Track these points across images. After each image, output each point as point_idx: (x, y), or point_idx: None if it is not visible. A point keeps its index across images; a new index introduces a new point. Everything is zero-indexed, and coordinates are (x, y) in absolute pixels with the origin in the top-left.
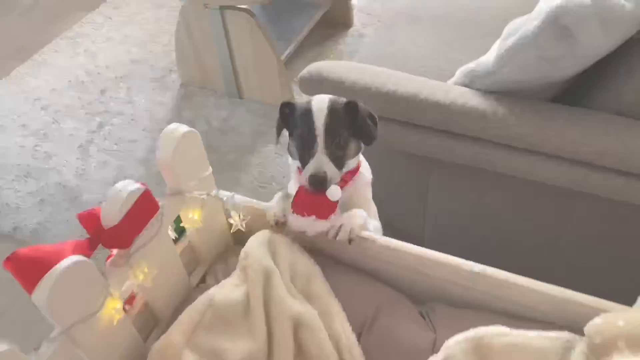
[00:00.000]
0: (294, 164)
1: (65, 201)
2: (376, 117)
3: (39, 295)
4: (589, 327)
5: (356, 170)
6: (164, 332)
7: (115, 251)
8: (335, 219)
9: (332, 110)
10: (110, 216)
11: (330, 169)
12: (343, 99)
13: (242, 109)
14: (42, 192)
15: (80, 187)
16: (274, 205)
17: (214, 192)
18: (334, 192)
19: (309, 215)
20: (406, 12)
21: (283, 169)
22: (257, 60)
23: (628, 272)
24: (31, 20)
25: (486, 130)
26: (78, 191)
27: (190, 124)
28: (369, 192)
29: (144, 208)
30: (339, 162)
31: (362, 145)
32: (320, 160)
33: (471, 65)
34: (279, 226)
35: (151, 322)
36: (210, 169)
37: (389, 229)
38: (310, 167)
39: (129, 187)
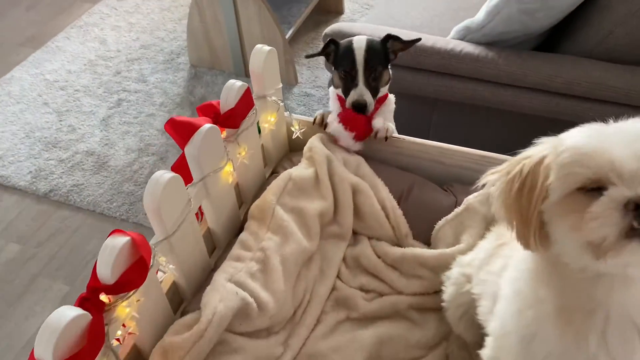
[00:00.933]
0: (333, 92)
1: (94, 167)
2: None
3: (191, 148)
4: None
5: (385, 97)
6: (248, 208)
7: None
8: (375, 122)
9: (370, 48)
10: (227, 103)
11: (368, 98)
12: (378, 39)
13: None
14: (71, 160)
15: (107, 154)
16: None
17: (282, 102)
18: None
19: (350, 130)
20: None
21: None
22: (264, 40)
23: None
24: (39, 13)
25: (479, 70)
26: (105, 158)
27: (203, 99)
28: (392, 114)
29: (246, 101)
30: (374, 91)
31: (391, 74)
32: (362, 90)
33: (464, 22)
34: (320, 124)
35: (239, 200)
36: (281, 84)
37: None
38: (355, 95)
39: (238, 83)
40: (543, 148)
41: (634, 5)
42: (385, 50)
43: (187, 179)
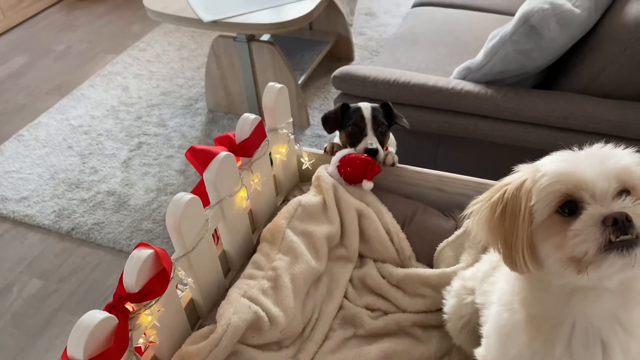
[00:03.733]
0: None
1: (114, 206)
2: (402, 115)
3: (209, 173)
4: None
5: (386, 149)
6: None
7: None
8: (384, 153)
9: (374, 108)
10: (242, 134)
11: (379, 146)
12: (377, 104)
13: None
14: (93, 199)
15: (127, 194)
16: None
17: (292, 134)
18: (368, 185)
19: (348, 171)
20: (406, 37)
21: None
22: None
23: None
24: (66, 63)
25: (479, 107)
26: (125, 197)
27: None
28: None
29: (259, 132)
30: (381, 144)
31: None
32: (372, 138)
33: (465, 64)
34: (331, 153)
35: (252, 225)
36: (292, 119)
37: None
38: (364, 143)
39: (252, 116)
40: (522, 174)
41: (623, 45)
42: (389, 112)
43: (206, 202)
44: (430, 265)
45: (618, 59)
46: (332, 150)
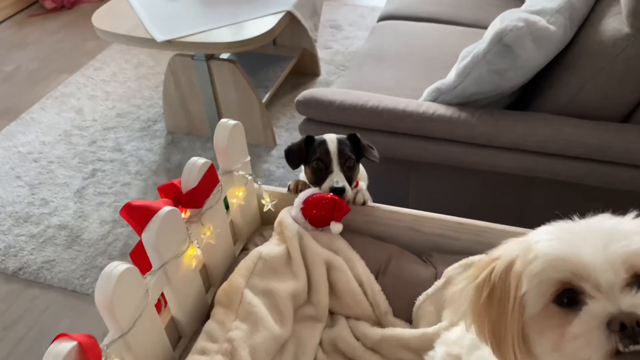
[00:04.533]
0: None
1: (66, 241)
2: (372, 145)
3: (149, 234)
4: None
5: (356, 185)
6: (218, 288)
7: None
8: (353, 191)
9: (340, 140)
10: (189, 182)
11: (346, 184)
12: (344, 135)
13: None
14: (43, 235)
15: (80, 227)
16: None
17: (252, 175)
18: (337, 227)
19: (314, 214)
20: (373, 53)
21: None
22: (241, 104)
23: None
24: (15, 85)
25: (453, 132)
26: (78, 231)
27: (180, 165)
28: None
29: (210, 178)
30: (349, 180)
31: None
32: (338, 175)
33: (435, 84)
34: (295, 192)
35: (207, 284)
36: (249, 157)
37: None
38: (329, 182)
39: (200, 160)
40: (512, 250)
41: (601, 62)
42: (356, 144)
43: (148, 265)
44: (409, 321)
45: (596, 78)
46: (296, 188)
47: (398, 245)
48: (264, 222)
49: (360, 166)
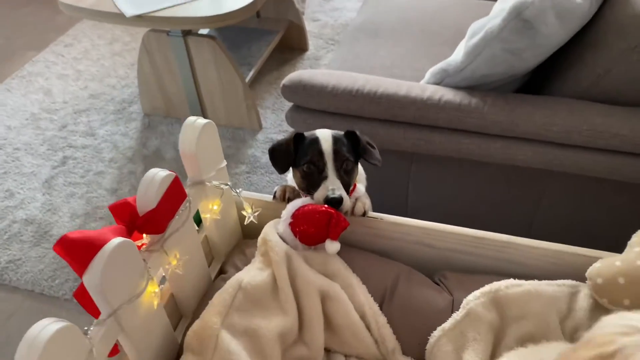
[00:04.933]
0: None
1: (34, 238)
2: (372, 142)
3: (91, 276)
4: (590, 271)
5: (353, 187)
6: (190, 323)
7: (146, 240)
8: (351, 199)
9: (336, 138)
10: (146, 202)
11: (344, 193)
12: (341, 132)
13: None
14: (8, 231)
15: (49, 221)
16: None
17: (229, 184)
18: (333, 247)
19: (302, 233)
20: (366, 27)
21: (256, 187)
22: (223, 84)
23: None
24: None
25: (462, 121)
26: (47, 226)
27: (157, 151)
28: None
29: (174, 194)
30: (346, 188)
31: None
32: (334, 183)
33: (440, 65)
34: (282, 200)
35: (176, 315)
36: (225, 162)
37: None
38: (323, 190)
39: (161, 173)
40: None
41: (634, 40)
42: (355, 143)
43: (96, 309)
44: None
45: (627, 57)
46: (283, 195)
47: (405, 262)
48: (247, 235)
49: (359, 166)
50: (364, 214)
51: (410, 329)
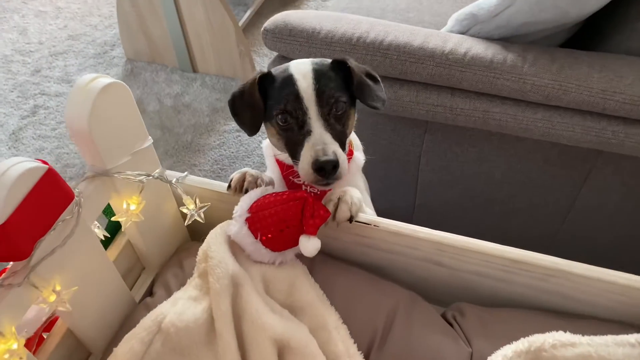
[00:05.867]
0: (271, 157)
1: None
2: (375, 74)
3: None
4: None
5: (349, 153)
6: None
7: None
8: (330, 194)
9: (319, 71)
10: None
11: (338, 149)
12: (327, 60)
13: (196, 84)
14: None
15: None
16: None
17: (157, 171)
18: (311, 245)
19: (262, 231)
20: None
21: (246, 148)
22: (212, 27)
23: None
24: None
25: (494, 84)
26: None
27: (139, 103)
28: (361, 179)
29: (47, 197)
30: (341, 142)
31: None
32: (322, 137)
33: (468, 8)
34: (240, 193)
35: (82, 354)
36: (151, 140)
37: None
38: (310, 152)
39: (20, 165)
40: None
41: None
42: (346, 74)
43: None
44: None
45: None
46: (240, 185)
47: (408, 284)
48: (195, 237)
49: (357, 154)
50: (350, 219)
51: None
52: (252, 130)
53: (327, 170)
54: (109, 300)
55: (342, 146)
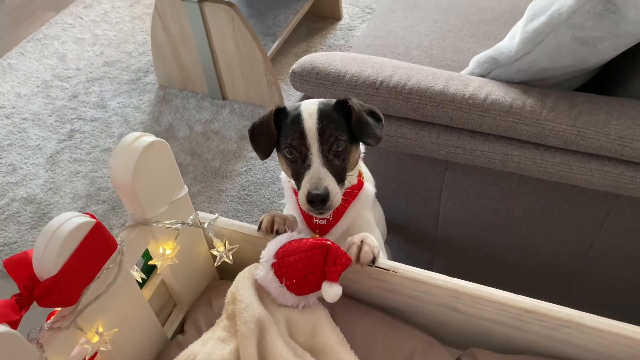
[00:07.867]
0: (288, 183)
1: (32, 219)
2: (379, 112)
3: None
4: None
5: (359, 185)
6: None
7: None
8: (351, 238)
9: (323, 111)
10: (46, 264)
11: (331, 184)
12: (333, 100)
13: (226, 111)
14: (6, 210)
15: (49, 202)
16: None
17: (190, 218)
18: (333, 291)
19: (287, 277)
20: None
21: (272, 174)
22: (241, 57)
23: None
24: None
25: (513, 128)
26: (46, 207)
27: (170, 128)
28: (371, 211)
29: (94, 249)
30: (339, 175)
31: (362, 151)
32: (318, 173)
33: (489, 52)
34: (270, 233)
35: None
36: (186, 189)
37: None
38: (306, 184)
39: (72, 221)
40: None
41: None
42: (349, 113)
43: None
44: None
45: None
46: (270, 227)
47: (425, 327)
48: (223, 275)
49: (361, 163)
50: (374, 261)
51: None
52: (265, 155)
53: (315, 202)
54: (144, 338)
55: (341, 180)
